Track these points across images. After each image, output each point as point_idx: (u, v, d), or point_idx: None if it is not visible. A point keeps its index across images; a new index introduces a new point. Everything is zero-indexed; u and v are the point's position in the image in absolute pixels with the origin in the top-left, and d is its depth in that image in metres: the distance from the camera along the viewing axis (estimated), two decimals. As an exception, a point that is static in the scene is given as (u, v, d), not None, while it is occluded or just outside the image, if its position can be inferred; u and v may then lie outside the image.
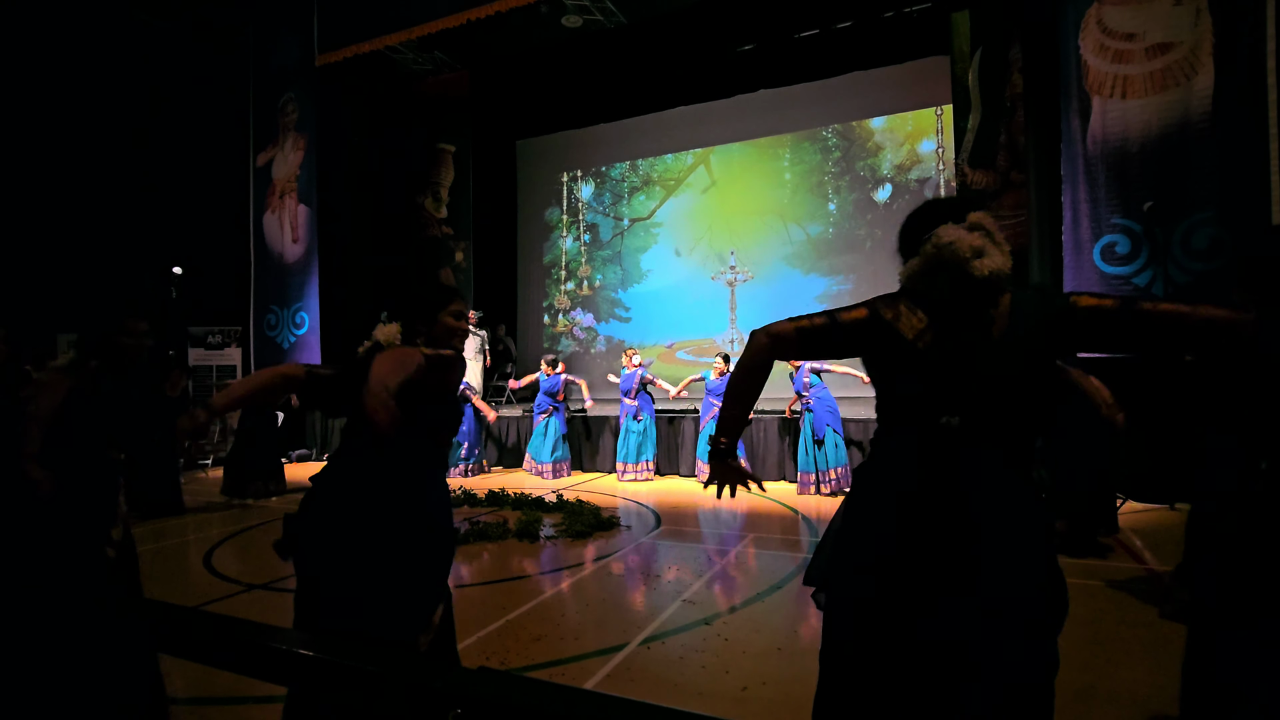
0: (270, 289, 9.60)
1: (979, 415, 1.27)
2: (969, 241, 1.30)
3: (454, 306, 1.95)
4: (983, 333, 1.29)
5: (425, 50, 9.52)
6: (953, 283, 1.31)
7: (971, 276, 1.29)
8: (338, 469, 1.78)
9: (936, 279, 1.33)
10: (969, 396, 1.27)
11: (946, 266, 1.31)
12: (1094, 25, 5.74)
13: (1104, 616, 3.24)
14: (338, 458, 1.82)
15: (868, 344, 1.38)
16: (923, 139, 9.08)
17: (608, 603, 3.58)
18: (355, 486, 1.72)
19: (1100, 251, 5.69)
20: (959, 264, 1.30)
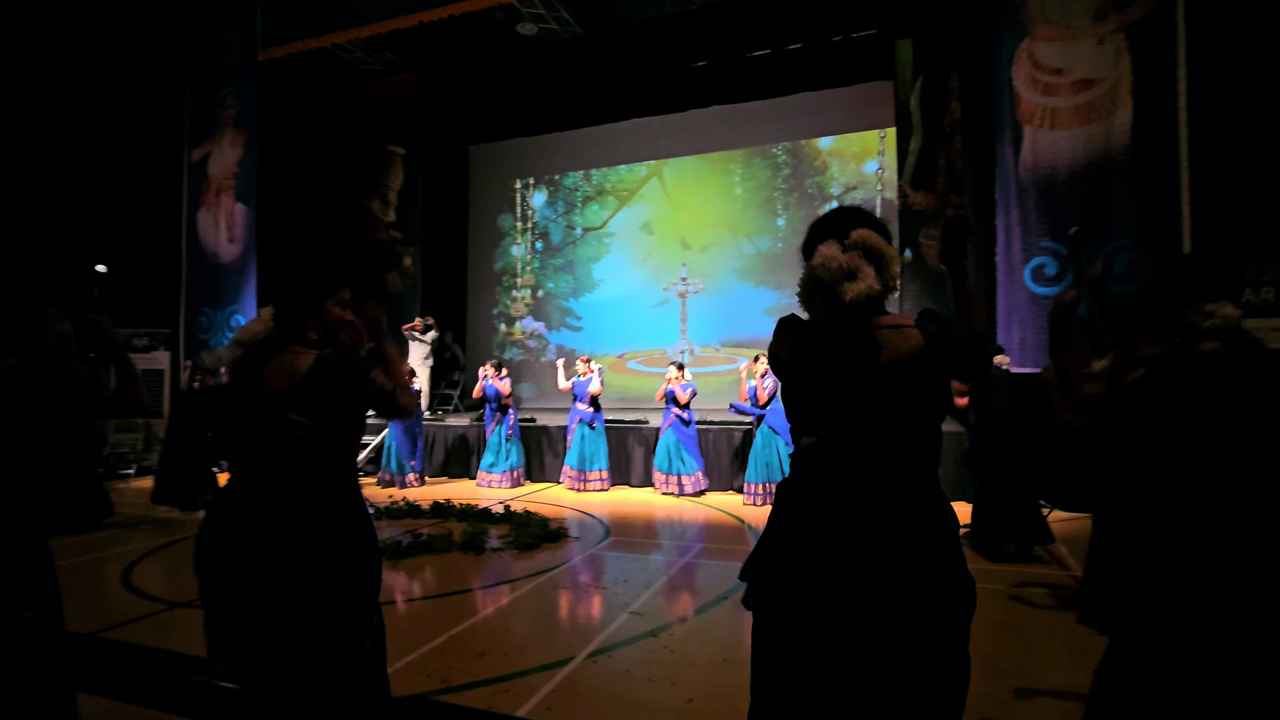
0: (203, 290, 9.16)
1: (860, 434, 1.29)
2: (840, 262, 1.29)
3: (341, 294, 1.74)
4: (867, 355, 1.29)
5: (375, 50, 9.30)
6: (824, 303, 1.32)
7: (839, 298, 1.29)
8: (241, 486, 1.63)
9: (813, 299, 1.34)
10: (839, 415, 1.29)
11: (820, 286, 1.32)
12: (1026, 59, 6.08)
13: (1030, 622, 3.38)
14: (239, 473, 1.66)
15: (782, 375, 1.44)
16: (867, 159, 9.40)
17: (554, 616, 3.54)
18: (261, 504, 1.57)
19: (1030, 272, 6.00)
20: (830, 285, 1.30)
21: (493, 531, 5.25)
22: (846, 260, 1.29)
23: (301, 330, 1.67)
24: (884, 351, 1.30)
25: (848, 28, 8.67)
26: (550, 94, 10.40)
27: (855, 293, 1.28)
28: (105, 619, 3.49)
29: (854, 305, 1.29)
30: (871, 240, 1.31)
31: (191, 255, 9.29)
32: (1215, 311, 1.65)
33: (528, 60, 9.64)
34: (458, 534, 5.03)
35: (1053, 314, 1.87)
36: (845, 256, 1.30)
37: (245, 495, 1.61)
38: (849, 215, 1.37)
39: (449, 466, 8.39)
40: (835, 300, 1.30)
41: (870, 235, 1.32)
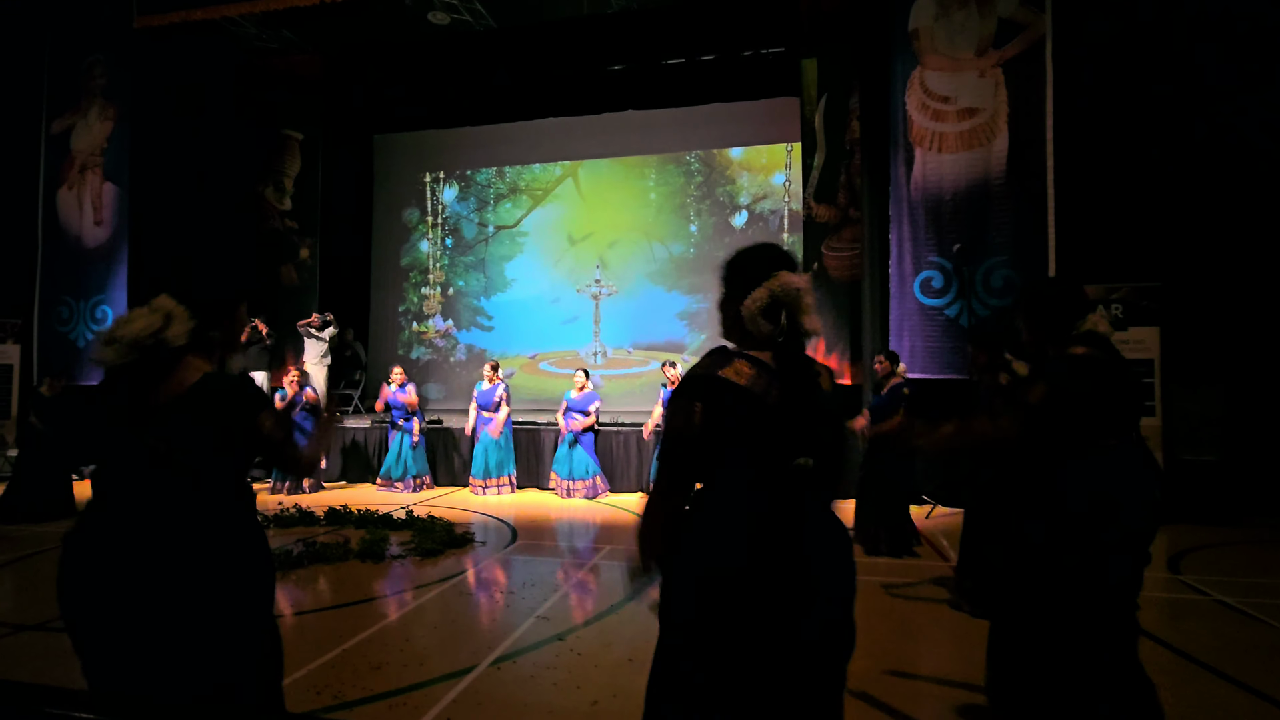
0: (63, 276, 8.24)
1: (820, 457, 1.39)
2: (809, 295, 1.41)
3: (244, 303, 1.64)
4: (813, 382, 1.42)
5: (271, 27, 8.68)
6: (788, 324, 1.40)
7: (803, 326, 1.40)
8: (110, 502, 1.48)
9: (771, 319, 1.40)
10: (815, 440, 1.38)
11: (786, 308, 1.40)
12: (918, 85, 6.53)
13: (913, 610, 3.62)
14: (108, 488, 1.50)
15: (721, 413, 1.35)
16: (775, 172, 9.76)
17: (458, 624, 3.43)
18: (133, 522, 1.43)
19: (920, 285, 6.44)
20: (798, 309, 1.39)
21: (394, 538, 5.03)
22: (810, 291, 1.41)
23: (207, 337, 1.53)
24: (821, 375, 1.45)
25: (758, 43, 8.98)
26: (463, 87, 10.11)
27: (814, 325, 1.41)
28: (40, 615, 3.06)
29: (808, 335, 1.41)
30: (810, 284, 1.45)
31: (50, 238, 8.34)
32: (1099, 322, 1.91)
33: (439, 50, 9.33)
34: (355, 541, 4.78)
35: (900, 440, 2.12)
36: (809, 287, 1.42)
37: (114, 513, 1.46)
38: (790, 255, 1.48)
39: (347, 471, 7.97)
40: (796, 324, 1.40)
41: (810, 279, 1.48)
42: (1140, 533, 1.79)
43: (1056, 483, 1.81)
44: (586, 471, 6.97)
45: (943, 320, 6.33)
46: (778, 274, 1.40)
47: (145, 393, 1.47)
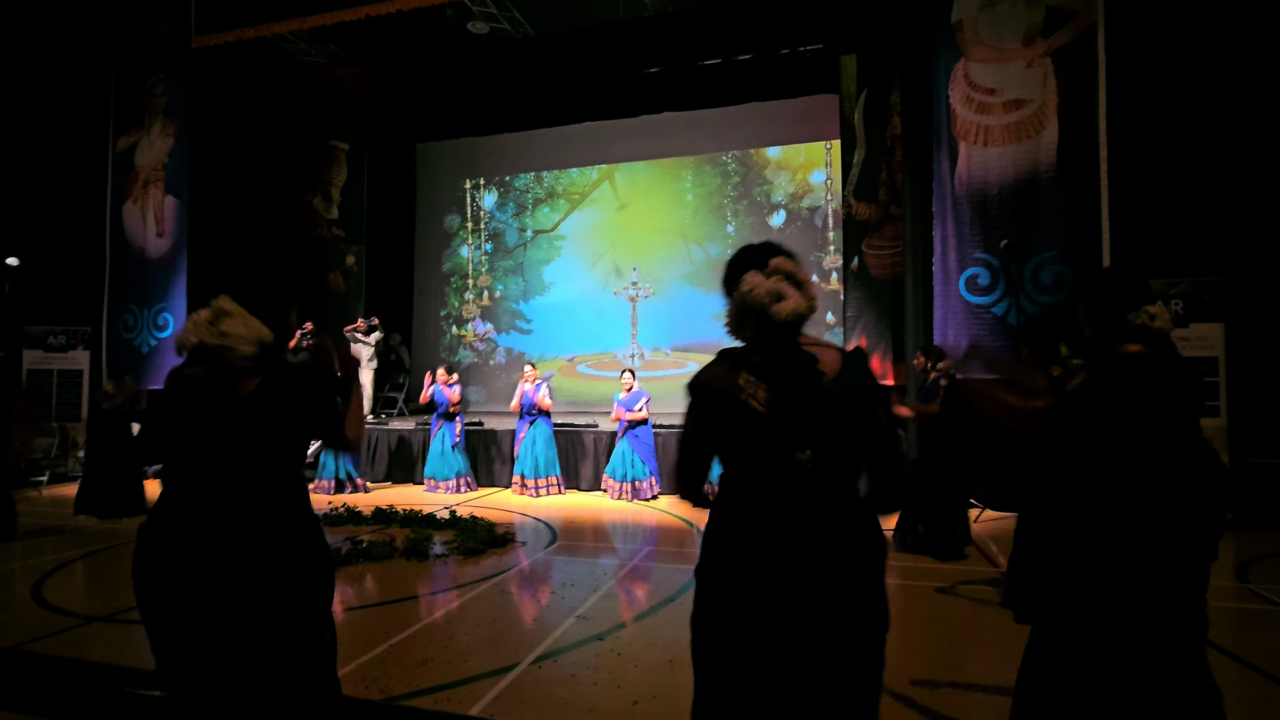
0: (128, 286, 8.67)
1: (827, 451, 1.36)
2: (766, 287, 1.39)
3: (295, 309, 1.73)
4: (810, 373, 1.39)
5: (319, 42, 9.00)
6: (758, 326, 1.40)
7: (772, 320, 1.38)
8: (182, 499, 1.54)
9: (745, 323, 1.42)
10: (817, 432, 1.36)
11: (751, 311, 1.40)
12: (961, 78, 6.36)
13: (959, 615, 3.52)
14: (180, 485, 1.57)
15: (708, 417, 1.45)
16: (814, 170, 9.64)
17: (499, 622, 3.49)
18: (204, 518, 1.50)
19: (965, 282, 6.27)
20: (760, 309, 1.39)
21: (437, 537, 5.14)
22: (772, 285, 1.39)
23: None
24: (819, 363, 1.40)
25: (795, 41, 8.89)
26: (502, 94, 10.28)
27: (785, 312, 1.38)
28: (13, 635, 3.26)
29: (785, 325, 1.38)
30: (789, 266, 1.43)
31: (116, 250, 8.78)
32: (1157, 315, 1.79)
33: (479, 59, 9.52)
34: (400, 540, 4.90)
35: None
36: (769, 282, 1.40)
37: (184, 508, 1.53)
38: (764, 248, 1.48)
39: (393, 472, 8.17)
40: (767, 323, 1.39)
41: (787, 262, 1.44)
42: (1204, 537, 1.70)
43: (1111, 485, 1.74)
44: (642, 472, 7.01)
45: (990, 318, 6.16)
46: (743, 279, 1.43)
47: (212, 393, 1.54)
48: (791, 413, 1.35)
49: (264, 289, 1.64)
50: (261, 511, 1.53)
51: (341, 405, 1.66)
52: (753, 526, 1.36)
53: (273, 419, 1.55)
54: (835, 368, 1.41)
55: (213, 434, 1.52)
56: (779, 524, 1.34)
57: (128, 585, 1.57)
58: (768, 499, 1.36)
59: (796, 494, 1.35)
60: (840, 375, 1.40)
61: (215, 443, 1.52)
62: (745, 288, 1.40)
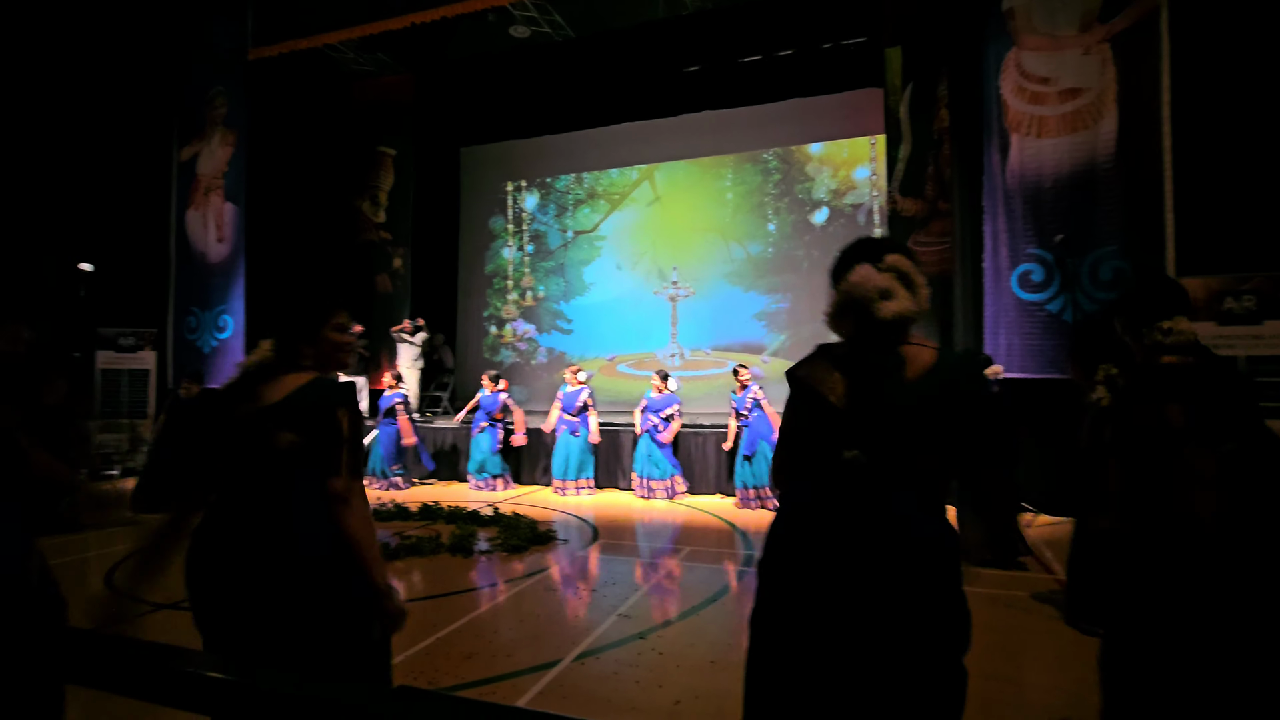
0: (191, 289, 9.08)
1: (888, 452, 1.31)
2: (876, 283, 1.34)
3: (337, 319, 1.69)
4: (893, 374, 1.33)
5: (367, 51, 9.28)
6: (858, 322, 1.36)
7: (874, 317, 1.33)
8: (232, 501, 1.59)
9: (845, 318, 1.38)
10: (876, 433, 1.31)
11: (855, 306, 1.35)
12: (1013, 68, 6.15)
13: (1017, 626, 3.41)
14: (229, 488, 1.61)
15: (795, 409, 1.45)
16: (858, 166, 9.46)
17: (542, 618, 3.53)
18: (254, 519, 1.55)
19: (1017, 278, 6.07)
20: (865, 304, 1.34)
21: (481, 534, 5.23)
22: (883, 281, 1.34)
23: (298, 358, 1.66)
24: (906, 365, 1.34)
25: (838, 35, 8.75)
26: (542, 97, 10.41)
27: (890, 312, 1.33)
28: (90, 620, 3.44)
29: (887, 324, 1.34)
30: (904, 264, 1.37)
31: (180, 255, 9.22)
32: (1172, 328, 1.75)
33: (520, 63, 9.65)
34: (446, 536, 5.01)
35: None
36: (881, 277, 1.35)
37: (232, 508, 1.59)
38: (882, 242, 1.44)
39: (437, 469, 8.35)
40: (868, 319, 1.34)
41: (903, 259, 1.38)
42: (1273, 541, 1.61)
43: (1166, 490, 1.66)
44: (665, 472, 7.01)
45: (1044, 316, 5.94)
46: (853, 270, 1.38)
47: (261, 398, 1.61)
48: (857, 409, 1.31)
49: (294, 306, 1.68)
50: (299, 510, 1.56)
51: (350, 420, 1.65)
52: (802, 524, 1.34)
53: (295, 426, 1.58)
54: (923, 368, 1.34)
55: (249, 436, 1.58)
56: (824, 523, 1.31)
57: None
58: (818, 496, 1.33)
59: (845, 493, 1.31)
60: (926, 376, 1.33)
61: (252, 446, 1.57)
62: (854, 279, 1.35)
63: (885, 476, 1.31)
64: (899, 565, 1.28)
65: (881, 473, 1.31)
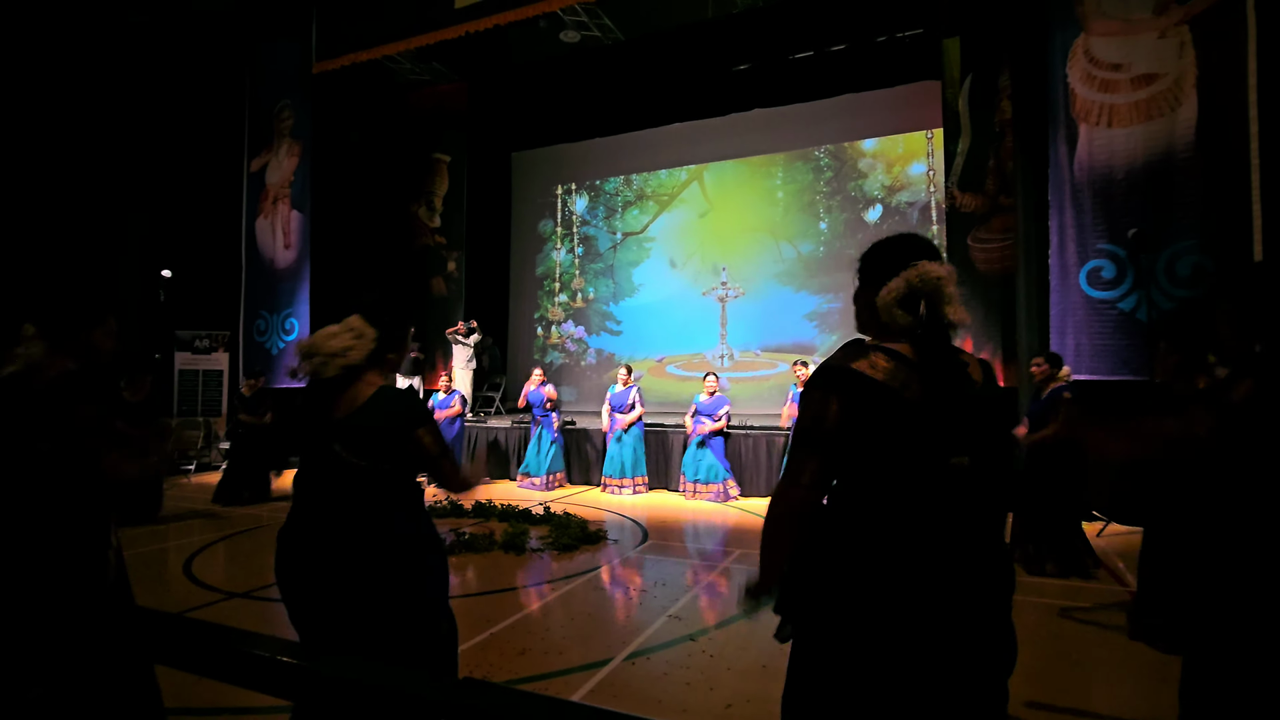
0: (261, 294, 9.54)
1: (977, 456, 1.28)
2: (951, 285, 1.32)
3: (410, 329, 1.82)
4: (962, 375, 1.31)
5: (423, 61, 9.57)
6: (928, 314, 1.31)
7: (941, 313, 1.30)
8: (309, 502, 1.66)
9: (912, 307, 1.31)
10: (969, 437, 1.28)
11: (925, 298, 1.31)
12: (1081, 55, 5.88)
13: (1083, 638, 3.26)
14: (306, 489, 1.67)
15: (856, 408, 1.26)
16: (913, 161, 9.21)
17: (593, 617, 3.56)
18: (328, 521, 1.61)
19: (1086, 276, 5.79)
20: (939, 299, 1.30)
21: (533, 532, 5.32)
22: (949, 273, 1.32)
23: (385, 357, 1.70)
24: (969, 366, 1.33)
25: (893, 28, 8.53)
26: (591, 100, 10.51)
27: (960, 318, 1.32)
28: (169, 606, 3.66)
29: (952, 327, 1.32)
30: (953, 274, 1.35)
31: (250, 261, 9.70)
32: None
33: (570, 67, 9.76)
34: (499, 533, 5.11)
35: None
36: (951, 281, 1.33)
37: (310, 509, 1.65)
38: (930, 244, 1.41)
39: (490, 467, 8.53)
40: (937, 311, 1.31)
41: (952, 269, 1.36)
42: None
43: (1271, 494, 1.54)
44: (715, 475, 6.97)
45: (1115, 315, 5.65)
46: (917, 263, 1.32)
47: (328, 404, 1.66)
48: (945, 411, 1.26)
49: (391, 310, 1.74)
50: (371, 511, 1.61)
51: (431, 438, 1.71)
52: (905, 535, 1.24)
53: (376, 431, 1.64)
54: (979, 373, 1.35)
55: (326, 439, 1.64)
56: (936, 534, 1.24)
57: (263, 565, 1.74)
58: (923, 504, 1.24)
59: (954, 501, 1.24)
60: (985, 382, 1.34)
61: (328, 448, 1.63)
62: (931, 273, 1.32)
63: (984, 484, 1.27)
64: (1005, 581, 1.27)
65: (982, 480, 1.27)
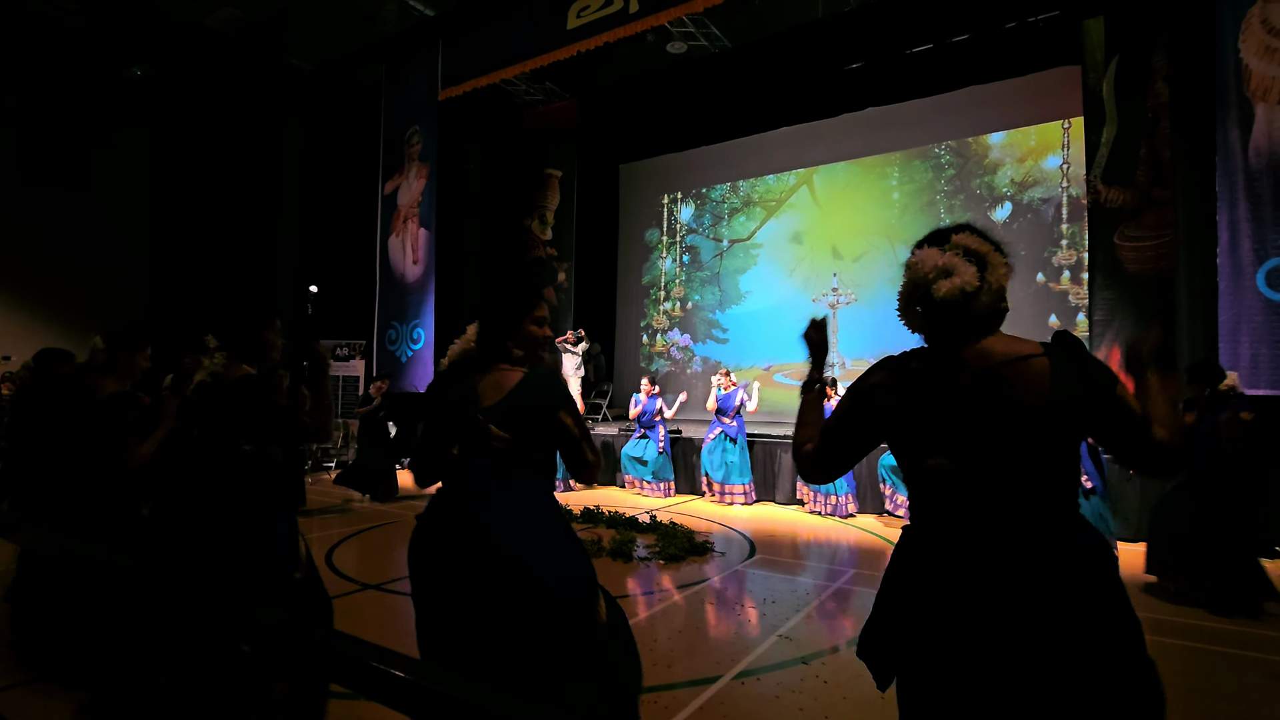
0: (392, 306, 10.33)
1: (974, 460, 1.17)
2: (935, 261, 1.23)
3: (538, 312, 1.78)
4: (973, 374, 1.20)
5: (537, 81, 10.01)
6: (922, 307, 1.25)
7: (932, 298, 1.22)
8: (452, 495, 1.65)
9: (910, 307, 1.28)
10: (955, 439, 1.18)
11: (916, 290, 1.25)
12: (1257, 25, 5.17)
13: (1255, 693, 2.82)
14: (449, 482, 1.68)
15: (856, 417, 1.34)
16: (1047, 154, 8.47)
17: (700, 631, 3.53)
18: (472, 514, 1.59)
19: (1265, 276, 5.07)
20: (924, 285, 1.23)
21: (640, 540, 5.36)
22: (945, 260, 1.23)
23: (505, 350, 1.74)
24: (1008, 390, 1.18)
25: (1025, 12, 7.91)
26: (697, 109, 10.53)
27: (946, 290, 1.21)
28: (313, 594, 4.01)
29: (943, 304, 1.22)
30: (972, 242, 1.25)
31: (383, 276, 10.53)
32: None
33: (676, 78, 9.84)
34: (606, 540, 5.20)
35: None
36: (944, 256, 1.24)
37: (456, 504, 1.64)
38: (956, 227, 1.31)
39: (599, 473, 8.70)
40: (929, 301, 1.24)
41: (972, 238, 1.26)
42: None
43: None
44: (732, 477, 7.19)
45: (1303, 321, 4.90)
46: (913, 254, 1.29)
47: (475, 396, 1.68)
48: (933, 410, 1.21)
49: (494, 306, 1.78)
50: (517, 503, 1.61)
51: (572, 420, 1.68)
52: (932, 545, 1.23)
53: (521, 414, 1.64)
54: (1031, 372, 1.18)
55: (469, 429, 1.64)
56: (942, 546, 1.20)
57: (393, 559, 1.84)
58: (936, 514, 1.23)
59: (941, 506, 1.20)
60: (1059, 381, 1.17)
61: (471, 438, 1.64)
62: (912, 260, 1.27)
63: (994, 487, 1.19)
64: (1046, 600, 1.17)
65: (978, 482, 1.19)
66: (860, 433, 1.33)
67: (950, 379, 1.21)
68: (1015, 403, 1.16)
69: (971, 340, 1.22)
